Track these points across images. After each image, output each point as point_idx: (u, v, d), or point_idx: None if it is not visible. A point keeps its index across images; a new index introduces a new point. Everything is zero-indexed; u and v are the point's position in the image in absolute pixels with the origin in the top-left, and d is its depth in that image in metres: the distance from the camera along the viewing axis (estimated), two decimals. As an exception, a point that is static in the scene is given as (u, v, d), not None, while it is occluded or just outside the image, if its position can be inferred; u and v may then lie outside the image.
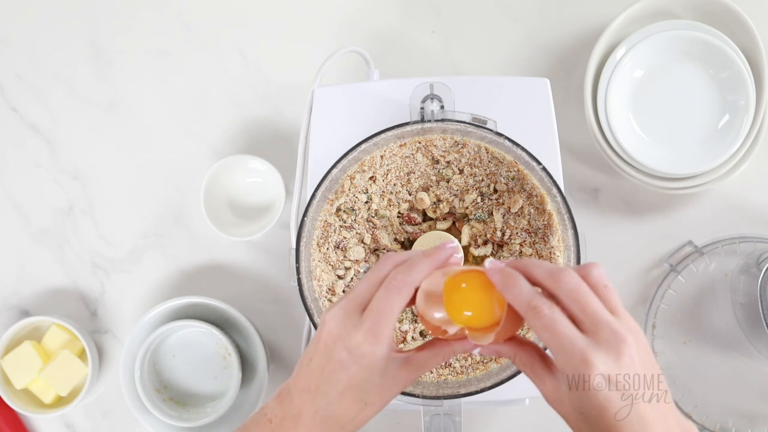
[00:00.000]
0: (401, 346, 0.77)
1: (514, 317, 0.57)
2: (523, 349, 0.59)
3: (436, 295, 0.59)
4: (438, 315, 0.59)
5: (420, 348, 0.62)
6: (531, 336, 0.74)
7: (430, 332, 0.61)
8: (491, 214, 0.77)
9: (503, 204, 0.77)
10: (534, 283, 0.57)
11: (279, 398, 0.62)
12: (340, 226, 0.77)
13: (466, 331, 0.59)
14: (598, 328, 0.54)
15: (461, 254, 0.59)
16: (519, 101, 0.79)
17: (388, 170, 0.77)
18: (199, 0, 1.00)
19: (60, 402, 0.95)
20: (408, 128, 0.76)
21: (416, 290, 0.60)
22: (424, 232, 0.78)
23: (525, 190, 0.76)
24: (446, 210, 0.79)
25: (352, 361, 0.59)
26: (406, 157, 0.77)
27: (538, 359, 0.58)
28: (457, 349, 0.61)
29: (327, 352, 0.60)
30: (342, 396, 0.60)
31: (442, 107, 0.76)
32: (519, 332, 0.63)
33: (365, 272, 0.74)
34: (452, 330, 0.60)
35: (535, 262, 0.58)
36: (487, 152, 0.77)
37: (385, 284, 0.59)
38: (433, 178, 0.77)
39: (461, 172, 0.77)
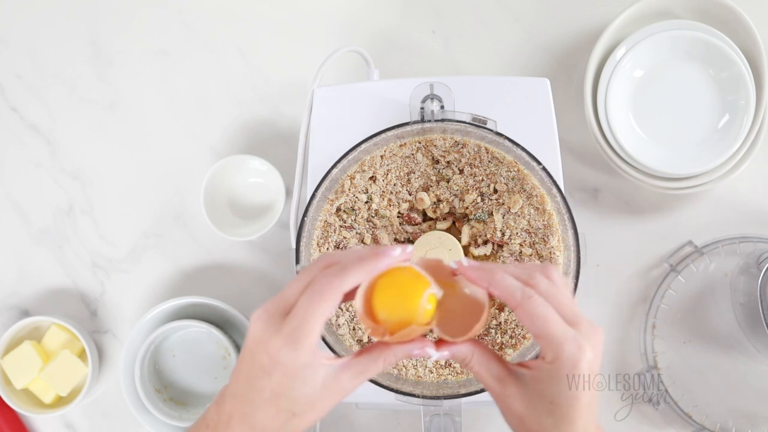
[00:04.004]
0: (401, 346, 0.77)
1: (487, 315, 0.57)
2: (480, 348, 0.58)
3: (361, 299, 0.56)
4: (366, 320, 0.56)
5: (358, 353, 0.58)
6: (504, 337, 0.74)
7: (369, 333, 0.57)
8: (491, 214, 0.77)
9: (503, 204, 0.77)
10: (507, 289, 0.57)
11: (216, 403, 0.60)
12: (340, 226, 0.77)
13: (434, 330, 0.57)
14: (579, 321, 0.57)
15: (410, 248, 0.57)
16: (519, 101, 0.79)
17: (388, 170, 0.77)
18: (199, 0, 1.00)
19: (60, 402, 0.95)
20: (408, 128, 0.76)
21: (355, 290, 0.56)
22: (424, 232, 0.78)
23: (525, 190, 0.76)
24: (446, 210, 0.79)
25: (273, 367, 0.55)
26: (406, 157, 0.77)
27: (494, 359, 0.58)
28: (399, 353, 0.57)
29: (251, 356, 0.57)
30: (266, 404, 0.56)
31: (442, 107, 0.76)
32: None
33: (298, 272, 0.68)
34: (417, 331, 0.56)
35: (503, 265, 0.59)
36: (487, 152, 0.77)
37: (309, 288, 0.56)
38: (433, 178, 0.77)
39: (461, 172, 0.77)
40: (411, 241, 0.78)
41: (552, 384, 0.56)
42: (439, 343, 0.58)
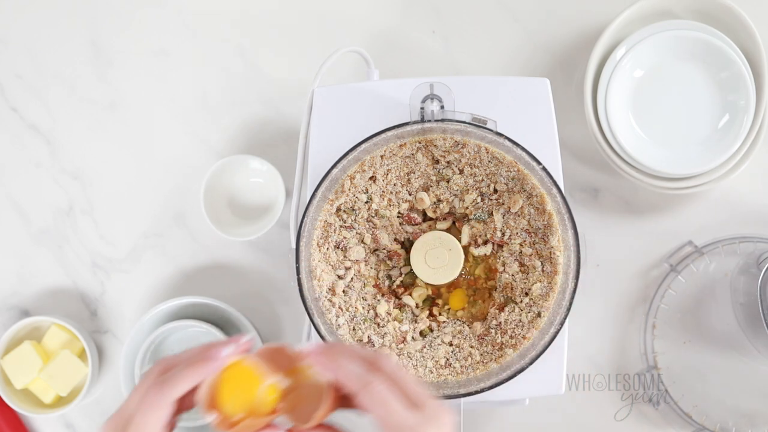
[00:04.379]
0: (401, 346, 0.77)
1: (330, 399, 0.58)
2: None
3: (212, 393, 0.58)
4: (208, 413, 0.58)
5: None
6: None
7: (215, 425, 0.58)
8: (491, 214, 0.77)
9: (503, 204, 0.77)
10: (347, 376, 0.57)
11: None
12: (340, 226, 0.77)
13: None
14: (424, 404, 0.56)
15: (246, 338, 0.59)
16: (519, 101, 0.79)
17: (388, 170, 0.77)
18: (199, 0, 1.00)
19: (60, 402, 0.95)
20: (408, 128, 0.76)
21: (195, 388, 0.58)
22: (424, 232, 0.78)
23: (525, 190, 0.76)
24: (446, 210, 0.79)
25: None
26: (406, 157, 0.77)
27: None
28: None
29: None
30: None
31: (442, 107, 0.76)
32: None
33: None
34: (260, 422, 0.58)
35: (348, 349, 0.60)
36: (487, 152, 0.77)
37: (141, 399, 0.57)
38: (433, 178, 0.77)
39: (461, 172, 0.77)
40: (411, 242, 0.78)
41: None
42: (291, 431, 0.58)
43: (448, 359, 0.76)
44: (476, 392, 0.73)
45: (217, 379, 0.57)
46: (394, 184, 0.77)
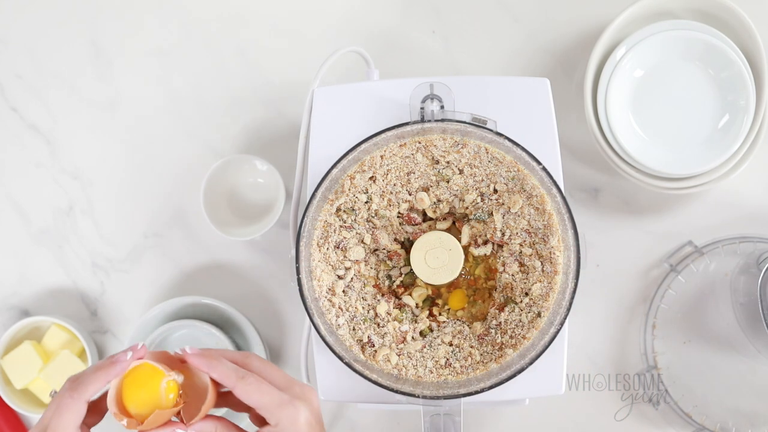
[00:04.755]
0: (401, 346, 0.77)
1: (213, 395, 0.65)
2: (222, 423, 0.66)
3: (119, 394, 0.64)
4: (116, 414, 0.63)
5: None
6: None
7: (125, 427, 0.63)
8: (491, 214, 0.77)
9: (503, 204, 0.77)
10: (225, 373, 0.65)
11: None
12: (340, 226, 0.77)
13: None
14: (291, 386, 0.67)
15: (141, 344, 0.66)
16: (519, 101, 0.79)
17: (388, 170, 0.77)
18: (199, 0, 1.00)
19: (60, 402, 0.95)
20: (408, 128, 0.76)
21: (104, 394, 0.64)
22: (424, 232, 0.78)
23: (525, 190, 0.76)
24: (446, 210, 0.79)
25: None
26: (406, 157, 0.77)
27: (235, 430, 0.67)
28: None
29: None
30: None
31: (442, 107, 0.76)
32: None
33: None
34: (165, 415, 0.63)
35: (220, 351, 0.67)
36: (487, 152, 0.77)
37: (53, 402, 0.63)
38: (433, 178, 0.77)
39: (461, 172, 0.77)
40: (411, 242, 0.78)
41: None
42: (185, 423, 0.65)
43: (448, 359, 0.76)
44: (476, 392, 0.73)
45: (122, 381, 0.64)
46: (394, 185, 0.77)
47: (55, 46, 1.00)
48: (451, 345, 0.77)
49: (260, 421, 0.68)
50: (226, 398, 0.69)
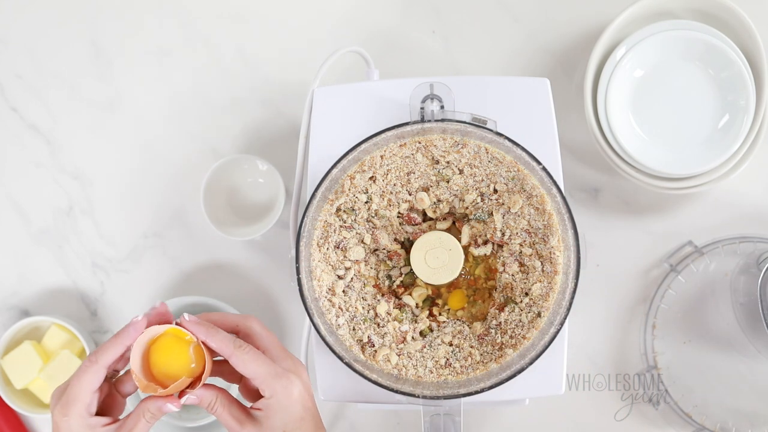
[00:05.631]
0: (401, 346, 0.77)
1: (210, 363, 0.67)
2: (223, 394, 0.68)
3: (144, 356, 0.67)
4: (138, 376, 0.67)
5: (128, 415, 0.68)
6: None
7: (142, 390, 0.67)
8: (491, 214, 0.77)
9: (503, 204, 0.77)
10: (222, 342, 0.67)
11: None
12: (340, 226, 0.77)
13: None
14: (285, 357, 0.69)
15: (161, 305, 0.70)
16: (519, 101, 0.79)
17: (388, 170, 0.77)
18: (199, 0, 1.00)
19: (60, 402, 0.95)
20: (408, 128, 0.76)
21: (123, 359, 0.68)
22: (424, 232, 0.78)
23: (525, 190, 0.76)
24: (446, 210, 0.79)
25: (56, 430, 0.67)
26: (406, 157, 0.77)
27: (235, 403, 0.68)
28: (153, 407, 0.67)
29: (51, 424, 0.68)
30: None
31: (442, 107, 0.76)
32: None
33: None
34: (186, 382, 0.67)
35: (218, 315, 0.70)
36: (487, 152, 0.77)
37: (79, 367, 0.67)
38: (433, 178, 0.77)
39: (461, 172, 0.77)
40: (411, 242, 0.79)
41: (278, 415, 0.66)
42: (182, 394, 0.67)
43: (448, 359, 0.76)
44: (476, 392, 0.73)
45: (151, 345, 0.67)
46: (394, 185, 0.77)
47: (55, 46, 1.00)
48: (451, 345, 0.77)
49: (250, 394, 0.70)
50: (219, 367, 0.71)
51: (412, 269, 0.78)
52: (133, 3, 1.00)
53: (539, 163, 0.74)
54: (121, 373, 0.71)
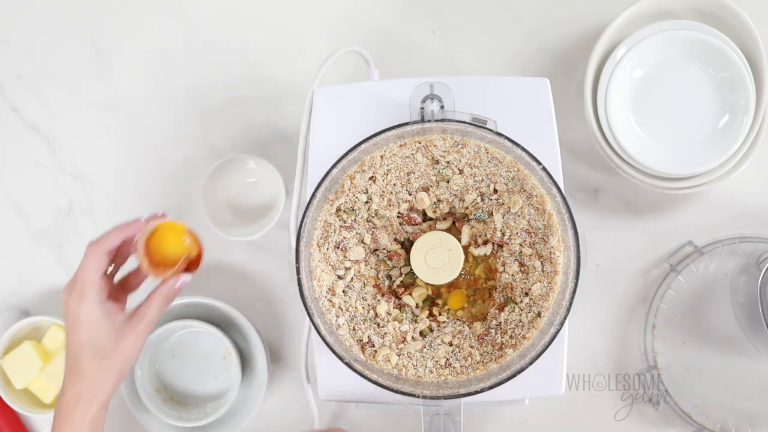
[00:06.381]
0: (401, 346, 0.77)
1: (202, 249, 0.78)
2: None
3: (142, 248, 0.75)
4: (147, 263, 0.75)
5: (141, 302, 0.76)
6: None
7: (152, 274, 0.75)
8: (491, 214, 0.77)
9: (503, 204, 0.77)
10: None
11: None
12: (340, 226, 0.77)
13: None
14: None
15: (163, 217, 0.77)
16: (519, 101, 0.79)
17: (388, 170, 0.77)
18: (199, 0, 1.00)
19: (60, 402, 0.95)
20: (408, 128, 0.76)
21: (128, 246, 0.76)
22: (424, 232, 0.78)
23: (525, 190, 0.76)
24: (446, 210, 0.79)
25: (74, 320, 0.72)
26: (406, 157, 0.77)
27: None
28: (164, 291, 0.76)
29: (65, 321, 0.73)
30: (80, 354, 0.72)
31: (442, 107, 0.76)
32: None
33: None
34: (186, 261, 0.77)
35: None
36: (487, 152, 0.77)
37: (84, 255, 0.73)
38: (433, 178, 0.77)
39: (461, 172, 0.77)
40: (411, 242, 0.79)
41: None
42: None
43: (448, 359, 0.76)
44: (476, 392, 0.73)
45: (153, 233, 0.75)
46: (394, 185, 0.77)
47: (55, 46, 1.00)
48: (451, 345, 0.77)
49: None
50: None
51: (412, 269, 0.78)
52: (133, 3, 1.00)
53: (539, 163, 0.74)
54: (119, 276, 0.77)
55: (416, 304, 0.79)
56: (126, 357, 0.73)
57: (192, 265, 0.77)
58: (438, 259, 0.77)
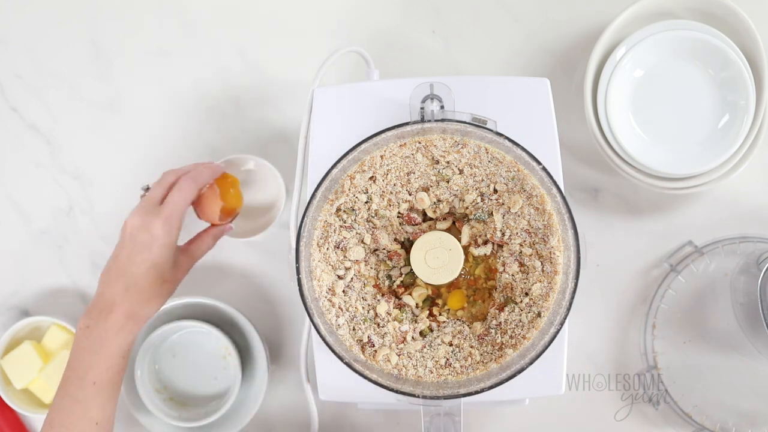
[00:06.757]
0: (401, 346, 0.77)
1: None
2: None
3: (206, 195, 0.84)
4: (213, 208, 0.84)
5: (191, 240, 0.85)
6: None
7: (208, 219, 0.85)
8: (491, 214, 0.77)
9: (503, 204, 0.77)
10: None
11: (87, 312, 0.77)
12: (340, 226, 0.77)
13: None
14: None
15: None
16: (519, 101, 0.79)
17: (388, 170, 0.77)
18: (199, 0, 1.00)
19: (60, 402, 0.95)
20: (408, 128, 0.76)
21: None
22: (424, 232, 0.78)
23: (525, 190, 0.76)
24: (446, 210, 0.79)
25: (153, 242, 0.76)
26: (406, 157, 0.77)
27: None
28: (215, 232, 0.86)
29: (132, 240, 0.77)
30: (147, 273, 0.77)
31: (442, 107, 0.76)
32: None
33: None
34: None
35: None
36: (487, 152, 0.77)
37: (177, 186, 0.79)
38: (433, 178, 0.77)
39: (461, 172, 0.77)
40: (411, 242, 0.79)
41: None
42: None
43: (448, 359, 0.76)
44: (476, 392, 0.73)
45: (215, 185, 0.84)
46: (394, 185, 0.77)
47: (55, 46, 1.00)
48: (451, 345, 0.77)
49: None
50: None
51: (412, 269, 0.78)
52: (133, 3, 1.00)
53: (539, 163, 0.74)
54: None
55: (416, 304, 0.79)
56: (175, 286, 0.80)
57: (232, 213, 0.87)
58: (438, 259, 0.77)
